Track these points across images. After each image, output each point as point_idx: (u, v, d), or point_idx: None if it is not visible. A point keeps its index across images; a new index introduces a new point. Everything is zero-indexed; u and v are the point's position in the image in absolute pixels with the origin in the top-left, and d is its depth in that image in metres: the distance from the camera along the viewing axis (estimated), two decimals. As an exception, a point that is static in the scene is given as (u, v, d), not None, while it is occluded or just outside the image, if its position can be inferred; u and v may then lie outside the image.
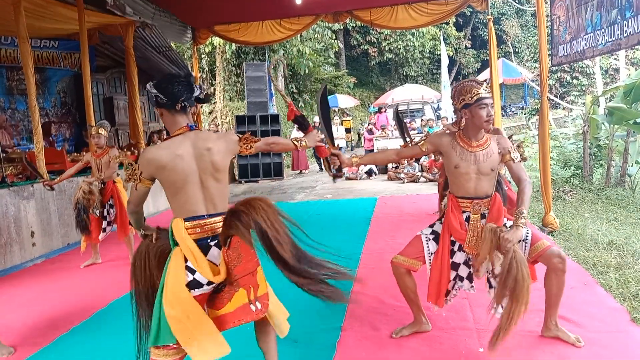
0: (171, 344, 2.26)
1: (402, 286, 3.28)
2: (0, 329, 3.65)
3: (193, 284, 2.31)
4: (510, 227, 2.83)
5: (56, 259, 6.34)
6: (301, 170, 15.04)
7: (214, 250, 2.38)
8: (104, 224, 5.60)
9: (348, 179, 12.66)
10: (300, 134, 3.04)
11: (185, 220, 2.36)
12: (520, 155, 3.04)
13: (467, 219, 3.05)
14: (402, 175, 11.57)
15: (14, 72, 9.40)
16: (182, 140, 2.41)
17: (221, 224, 2.37)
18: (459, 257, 3.11)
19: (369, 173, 12.90)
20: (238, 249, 2.36)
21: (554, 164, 9.29)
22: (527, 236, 2.98)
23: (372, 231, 6.51)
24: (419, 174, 11.44)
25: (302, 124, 3.05)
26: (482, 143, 3.02)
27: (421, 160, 11.75)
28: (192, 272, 2.30)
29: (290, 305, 4.03)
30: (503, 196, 4.23)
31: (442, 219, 3.20)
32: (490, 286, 3.06)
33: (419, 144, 3.17)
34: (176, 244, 2.35)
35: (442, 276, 3.08)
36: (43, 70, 9.98)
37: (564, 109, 20.71)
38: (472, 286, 3.13)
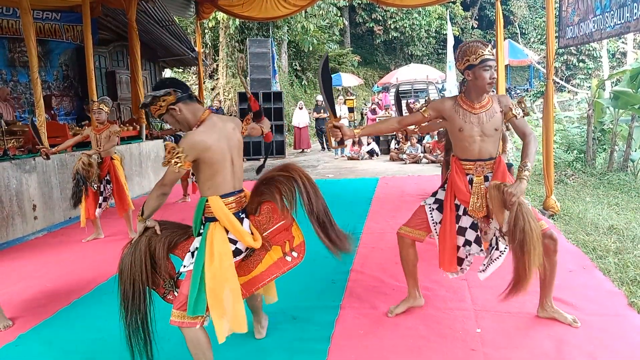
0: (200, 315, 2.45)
1: (404, 257, 3.30)
2: (1, 302, 3.68)
3: (235, 253, 2.58)
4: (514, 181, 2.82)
5: (58, 233, 6.38)
6: (303, 149, 15.01)
7: (245, 222, 2.64)
8: (100, 199, 5.62)
9: (350, 158, 12.64)
10: (303, 113, 3.23)
11: (222, 197, 2.55)
12: (523, 110, 3.01)
13: (471, 182, 3.04)
14: (404, 156, 11.54)
15: (15, 44, 9.32)
16: (213, 122, 2.58)
17: (245, 198, 2.68)
18: (465, 222, 3.11)
19: (371, 153, 12.87)
20: (269, 213, 2.66)
21: (557, 148, 9.25)
22: None
23: (373, 211, 6.52)
24: (421, 155, 11.41)
25: (257, 115, 3.26)
26: (485, 104, 3.00)
27: (424, 141, 11.72)
28: (234, 242, 2.57)
29: (290, 283, 4.07)
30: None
31: (445, 186, 3.20)
32: (489, 261, 3.06)
33: (420, 110, 3.14)
34: (208, 220, 2.56)
35: (450, 242, 3.09)
36: (45, 42, 9.90)
37: (569, 92, 20.57)
38: (481, 250, 3.11)
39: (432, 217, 3.20)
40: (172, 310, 2.50)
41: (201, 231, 2.60)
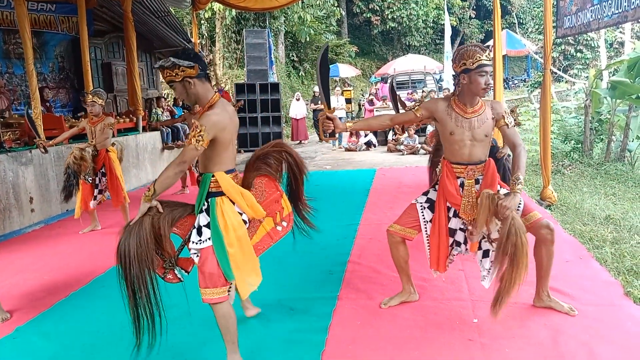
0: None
1: (394, 255, 3.31)
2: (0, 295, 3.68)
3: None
4: (507, 194, 2.83)
5: (55, 225, 6.37)
6: (300, 141, 14.99)
7: None
8: (96, 191, 5.60)
9: (347, 149, 12.63)
10: (300, 104, 3.35)
11: (226, 172, 2.68)
12: (514, 119, 3.03)
13: (462, 185, 3.05)
14: (401, 147, 11.53)
15: (10, 36, 9.25)
16: (224, 105, 2.68)
17: (241, 174, 2.81)
18: (455, 223, 3.12)
19: (368, 144, 12.86)
20: (261, 186, 2.81)
21: (554, 138, 9.25)
22: (519, 207, 2.98)
23: (370, 202, 6.53)
24: (419, 146, 11.40)
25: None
26: (477, 109, 2.99)
27: (426, 132, 11.70)
28: (240, 214, 2.68)
29: (288, 275, 4.09)
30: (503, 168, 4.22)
31: (436, 186, 3.20)
32: (484, 255, 3.07)
33: (413, 110, 3.13)
34: (212, 196, 2.65)
35: (441, 242, 3.10)
36: (40, 34, 9.82)
37: (566, 82, 20.53)
38: (467, 249, 3.13)
39: (423, 215, 3.20)
40: (202, 290, 2.56)
41: (204, 207, 2.66)
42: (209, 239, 2.60)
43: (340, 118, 13.60)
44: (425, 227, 3.19)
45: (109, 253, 4.86)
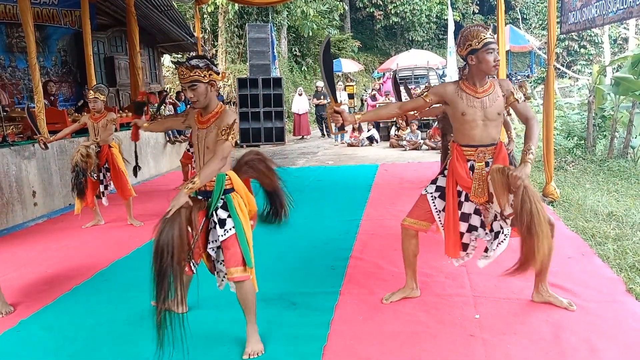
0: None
1: (405, 247, 3.30)
2: (2, 288, 3.69)
3: None
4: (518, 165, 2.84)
5: (58, 219, 6.38)
6: (303, 136, 14.98)
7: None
8: (101, 187, 5.61)
9: (350, 145, 12.62)
10: (302, 99, 3.56)
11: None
12: (524, 94, 3.02)
13: (472, 168, 3.04)
14: (404, 143, 11.52)
15: (13, 29, 9.24)
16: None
17: None
18: (468, 207, 3.10)
19: (371, 140, 12.84)
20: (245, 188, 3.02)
21: (557, 134, 9.22)
22: None
23: (372, 198, 6.53)
24: (421, 141, 11.38)
25: (138, 109, 3.87)
26: (487, 88, 3.00)
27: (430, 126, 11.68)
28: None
29: (290, 269, 4.10)
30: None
31: (445, 172, 3.19)
32: (495, 237, 3.06)
33: (422, 95, 3.12)
34: (228, 191, 2.84)
35: (454, 228, 3.09)
36: (43, 27, 9.81)
37: (570, 78, 20.47)
38: (486, 232, 3.11)
39: (435, 205, 3.18)
40: (230, 270, 2.78)
41: (219, 204, 2.83)
42: (232, 228, 2.79)
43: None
44: (439, 217, 3.18)
45: (111, 247, 4.91)
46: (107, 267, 4.37)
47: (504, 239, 3.05)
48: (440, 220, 3.19)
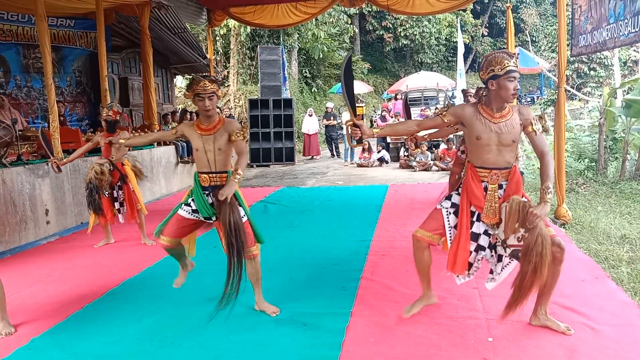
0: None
1: (419, 259, 3.31)
2: (13, 306, 3.71)
3: None
4: (537, 204, 2.87)
5: (70, 238, 6.42)
6: (312, 156, 15.03)
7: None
8: (117, 204, 5.64)
9: (360, 165, 12.65)
10: (312, 120, 3.97)
11: None
12: (542, 126, 3.03)
13: (485, 189, 3.06)
14: (414, 164, 11.53)
15: (30, 50, 9.44)
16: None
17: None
18: (478, 227, 3.12)
19: (381, 160, 12.87)
20: None
21: (568, 156, 9.19)
22: None
23: (382, 218, 6.52)
24: (431, 162, 11.38)
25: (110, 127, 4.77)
26: (505, 114, 3.02)
27: (439, 148, 11.69)
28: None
29: (301, 289, 4.08)
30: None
31: (459, 189, 3.22)
32: (498, 260, 3.10)
33: (440, 115, 3.16)
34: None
35: (462, 245, 3.11)
36: (59, 49, 10.02)
37: (580, 100, 20.47)
38: (492, 255, 3.14)
39: (448, 221, 3.21)
40: (249, 249, 3.40)
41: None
42: (244, 215, 3.42)
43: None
44: (450, 233, 3.20)
45: (122, 266, 4.92)
46: (118, 286, 4.38)
47: (509, 263, 3.09)
48: (450, 236, 3.20)
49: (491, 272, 3.16)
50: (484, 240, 3.12)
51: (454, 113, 3.13)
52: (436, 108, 3.64)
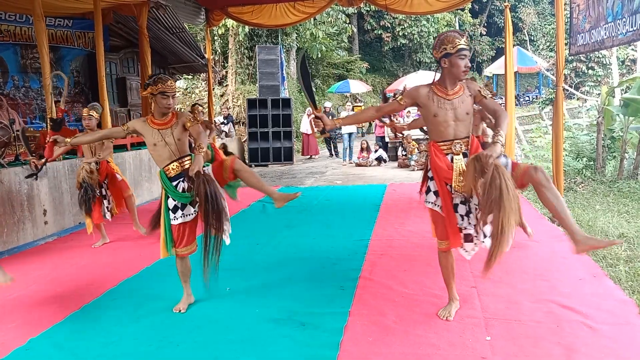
0: None
1: (445, 264, 3.38)
2: (11, 306, 3.70)
3: None
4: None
5: (68, 238, 6.41)
6: (311, 156, 15.03)
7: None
8: (105, 202, 5.68)
9: (358, 165, 12.65)
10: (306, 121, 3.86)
11: None
12: (490, 92, 3.19)
13: (451, 161, 3.14)
14: (412, 163, 11.54)
15: (28, 50, 9.43)
16: None
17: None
18: (456, 199, 3.19)
19: (379, 160, 12.87)
20: None
21: (566, 155, 9.21)
22: (507, 164, 3.01)
23: (381, 218, 6.52)
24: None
25: (56, 126, 4.62)
26: (457, 91, 3.16)
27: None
28: None
29: (299, 289, 4.08)
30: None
31: (429, 173, 3.30)
32: (485, 235, 3.10)
33: (396, 99, 3.30)
34: None
35: (451, 219, 3.18)
36: (57, 49, 10.00)
37: (578, 99, 20.48)
38: (470, 223, 3.17)
39: (440, 209, 3.26)
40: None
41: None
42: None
43: (350, 133, 13.65)
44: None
45: (120, 266, 4.92)
46: (116, 286, 4.38)
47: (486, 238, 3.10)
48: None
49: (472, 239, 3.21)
50: (461, 209, 3.17)
51: (409, 95, 3.26)
52: (402, 89, 3.70)
